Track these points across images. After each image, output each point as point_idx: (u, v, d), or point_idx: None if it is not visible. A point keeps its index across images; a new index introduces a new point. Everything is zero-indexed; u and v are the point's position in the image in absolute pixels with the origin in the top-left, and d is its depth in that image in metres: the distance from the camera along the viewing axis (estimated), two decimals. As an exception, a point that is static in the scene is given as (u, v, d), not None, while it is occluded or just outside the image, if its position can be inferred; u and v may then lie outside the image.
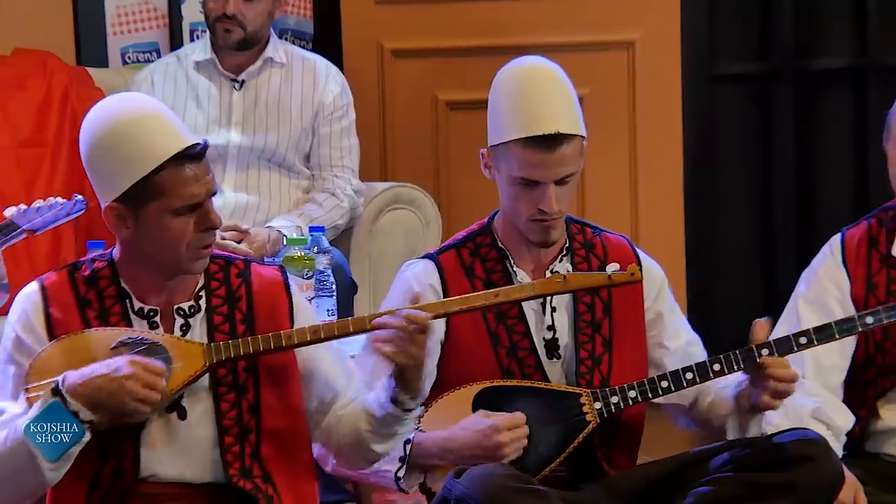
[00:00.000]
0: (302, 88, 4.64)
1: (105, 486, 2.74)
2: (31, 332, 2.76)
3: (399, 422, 2.82)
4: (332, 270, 3.86)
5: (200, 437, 2.78)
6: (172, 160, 2.72)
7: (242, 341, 2.77)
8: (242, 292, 2.85)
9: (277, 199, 4.60)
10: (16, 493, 2.70)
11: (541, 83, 3.07)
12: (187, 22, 5.12)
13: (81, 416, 2.63)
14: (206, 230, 2.75)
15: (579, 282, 2.94)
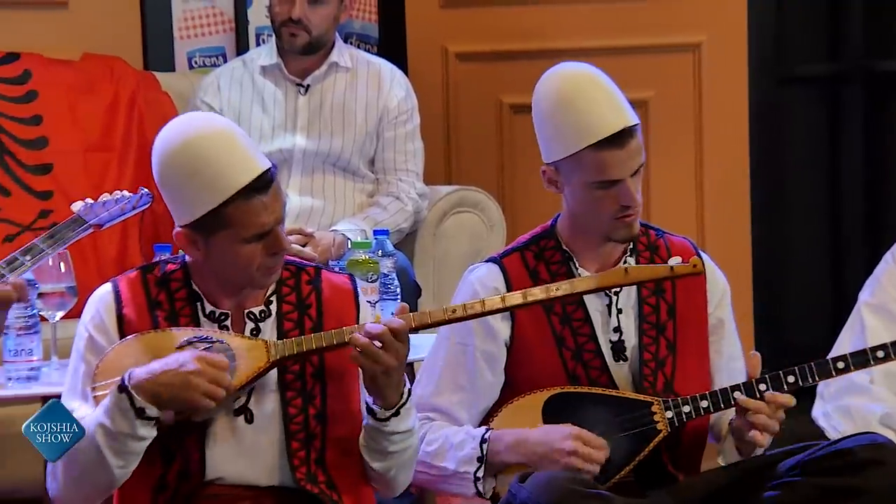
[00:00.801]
0: (367, 92, 4.64)
1: (171, 488, 2.76)
2: (103, 333, 2.79)
3: (383, 435, 2.80)
4: (396, 274, 3.86)
5: (267, 441, 2.79)
6: (242, 192, 2.73)
7: (305, 338, 2.78)
8: (312, 299, 2.86)
9: (342, 203, 4.61)
10: (85, 491, 2.73)
11: (587, 86, 3.06)
12: (253, 26, 5.15)
13: (147, 413, 2.66)
14: (274, 254, 2.76)
15: (641, 274, 2.93)
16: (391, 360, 2.74)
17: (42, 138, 4.63)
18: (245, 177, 2.73)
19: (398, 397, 2.78)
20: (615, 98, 3.06)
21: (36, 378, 3.42)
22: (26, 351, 3.41)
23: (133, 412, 2.65)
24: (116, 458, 2.68)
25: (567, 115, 3.03)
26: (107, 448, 2.67)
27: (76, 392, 2.78)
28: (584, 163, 3.03)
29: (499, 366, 3.09)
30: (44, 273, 3.49)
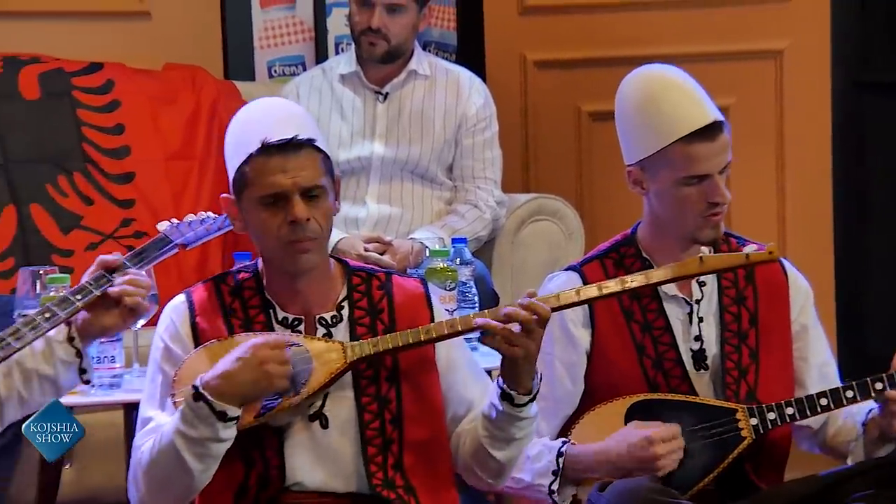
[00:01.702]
0: (445, 100, 4.65)
1: (251, 495, 2.77)
2: (178, 342, 2.81)
3: (513, 422, 2.79)
4: (474, 282, 3.86)
5: (343, 447, 2.80)
6: (260, 151, 2.76)
7: (381, 338, 2.79)
8: (384, 304, 2.86)
9: (420, 211, 4.62)
10: (168, 496, 2.75)
11: (675, 83, 3.06)
12: (332, 35, 5.17)
13: (229, 414, 2.67)
14: (291, 223, 2.76)
15: (716, 262, 2.90)
16: (532, 345, 2.73)
17: (124, 147, 4.67)
18: (271, 134, 2.79)
19: (532, 382, 2.77)
20: (702, 95, 3.06)
21: (118, 385, 3.45)
22: (109, 358, 3.43)
23: (215, 416, 2.67)
24: (198, 463, 2.69)
25: (655, 110, 3.03)
26: (187, 453, 2.68)
27: (154, 401, 2.81)
28: (673, 157, 3.02)
29: (578, 375, 3.08)
30: (125, 282, 3.52)
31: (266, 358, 2.68)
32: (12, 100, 4.56)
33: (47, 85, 4.62)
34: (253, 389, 2.68)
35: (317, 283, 2.83)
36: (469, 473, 2.89)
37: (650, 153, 3.04)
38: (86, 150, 4.61)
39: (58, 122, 4.60)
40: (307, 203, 2.76)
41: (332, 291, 2.85)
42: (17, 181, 4.50)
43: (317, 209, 2.77)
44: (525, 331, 2.73)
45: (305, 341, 2.77)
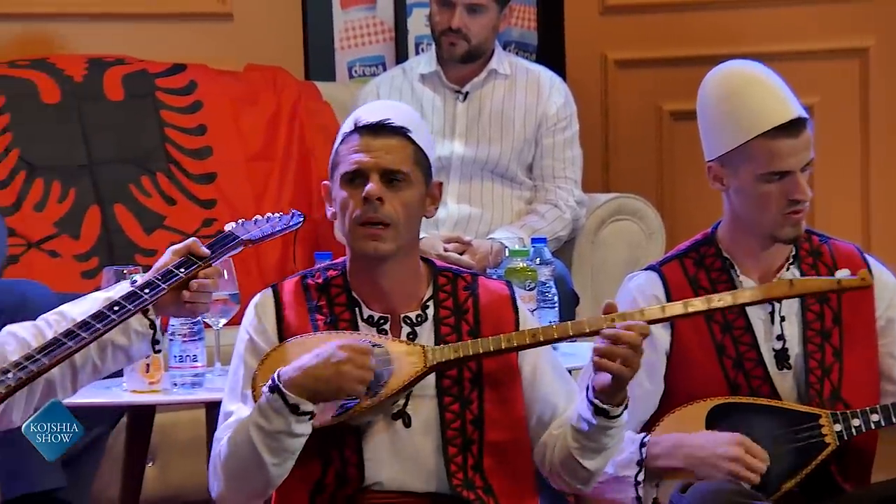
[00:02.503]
0: (525, 100, 4.64)
1: (329, 492, 2.77)
2: (263, 335, 2.82)
3: (605, 431, 2.79)
4: (554, 282, 3.85)
5: (424, 446, 2.80)
6: (352, 131, 2.78)
7: (462, 344, 2.78)
8: (469, 305, 2.86)
9: (500, 211, 4.62)
10: (244, 490, 2.76)
11: (759, 78, 3.04)
12: (413, 35, 5.18)
13: (302, 408, 2.67)
14: (365, 200, 2.77)
15: (806, 286, 2.88)
16: (638, 363, 2.74)
17: (206, 148, 4.70)
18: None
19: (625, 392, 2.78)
20: (786, 91, 3.04)
21: (200, 384, 3.47)
22: (191, 357, 3.45)
23: (288, 409, 2.67)
24: (272, 457, 2.70)
25: (738, 105, 3.01)
26: (263, 447, 2.69)
27: (236, 393, 2.82)
28: (755, 153, 2.99)
29: (658, 375, 3.06)
30: (208, 281, 3.55)
31: (347, 360, 2.68)
32: (97, 101, 4.61)
33: (131, 86, 4.66)
34: (327, 388, 2.68)
35: (402, 281, 2.83)
36: (556, 478, 2.88)
37: (731, 148, 3.02)
38: (169, 150, 4.65)
39: (141, 123, 4.64)
40: (387, 186, 2.76)
41: (417, 291, 2.85)
42: (101, 182, 4.54)
43: (396, 195, 2.77)
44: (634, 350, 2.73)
45: (387, 343, 2.78)
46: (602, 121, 5.29)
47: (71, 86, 4.58)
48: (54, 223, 4.44)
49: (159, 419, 3.77)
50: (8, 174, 4.45)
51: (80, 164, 4.54)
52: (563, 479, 2.86)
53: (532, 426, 2.87)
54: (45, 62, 4.63)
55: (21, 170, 4.46)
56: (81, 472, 3.86)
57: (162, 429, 3.90)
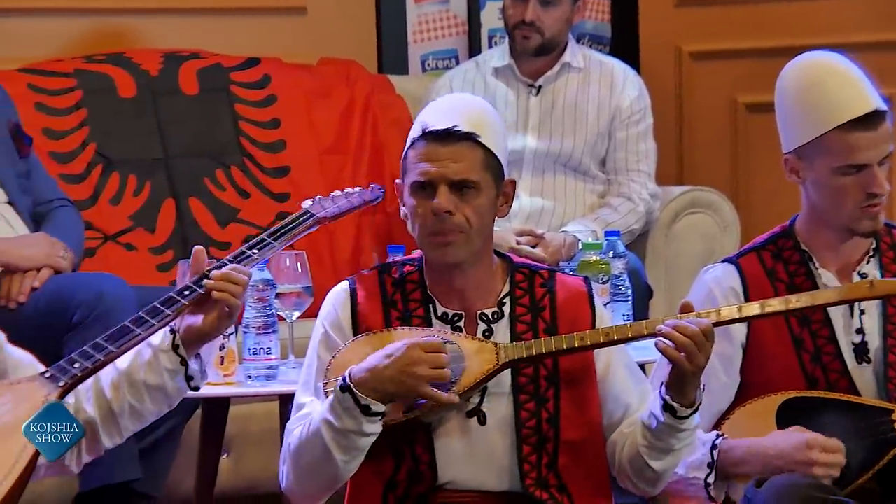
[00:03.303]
0: (599, 93, 4.63)
1: (402, 489, 2.77)
2: (338, 329, 2.82)
3: (674, 433, 2.76)
4: (627, 275, 3.83)
5: (498, 444, 2.78)
6: (420, 137, 2.76)
7: (536, 341, 2.77)
8: (546, 302, 2.84)
9: (573, 204, 4.61)
10: (313, 484, 2.76)
11: (837, 69, 3.01)
12: (486, 29, 5.18)
13: (373, 409, 2.67)
14: (434, 213, 2.76)
15: (888, 288, 2.85)
16: (703, 359, 2.72)
17: (280, 141, 4.72)
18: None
19: (696, 394, 2.76)
20: (864, 83, 3.01)
21: (274, 376, 3.48)
22: (265, 350, 3.47)
23: (358, 409, 2.67)
24: (342, 454, 2.70)
25: (815, 96, 2.98)
26: (332, 443, 2.69)
27: (309, 386, 2.82)
28: (831, 146, 2.96)
29: (734, 368, 3.04)
30: (281, 274, 3.57)
31: (416, 359, 2.67)
32: (173, 95, 4.63)
33: (206, 80, 4.69)
34: (396, 388, 2.68)
35: (477, 278, 2.82)
36: (623, 478, 2.86)
37: (808, 140, 2.99)
38: (243, 144, 4.67)
39: (216, 117, 4.67)
40: (456, 195, 2.75)
41: (493, 287, 2.84)
42: (176, 175, 4.57)
43: (466, 203, 2.75)
44: (697, 345, 2.71)
45: (459, 340, 2.77)
46: (676, 113, 5.26)
47: (147, 80, 4.62)
48: (130, 216, 4.47)
49: (234, 411, 3.80)
50: (85, 168, 4.49)
51: (156, 157, 4.57)
52: (630, 480, 2.85)
53: (603, 424, 2.86)
54: (122, 57, 4.67)
55: (97, 164, 4.50)
56: (157, 463, 3.89)
57: (236, 421, 3.92)
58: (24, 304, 3.81)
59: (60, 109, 4.51)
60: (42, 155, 4.29)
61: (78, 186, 4.42)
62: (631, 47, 5.24)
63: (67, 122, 4.50)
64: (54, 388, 2.58)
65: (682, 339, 2.71)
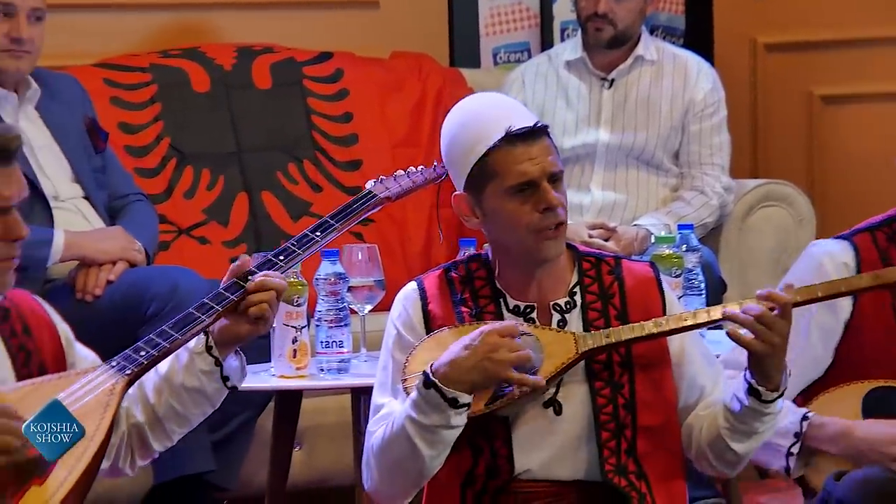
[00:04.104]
0: (672, 85, 4.61)
1: (480, 483, 2.77)
2: (410, 329, 2.82)
3: (758, 416, 2.75)
4: (700, 269, 3.81)
5: (575, 433, 2.78)
6: (503, 141, 2.76)
7: (613, 330, 2.77)
8: (615, 289, 2.84)
9: (645, 197, 4.59)
10: (399, 481, 2.77)
11: None
12: (558, 21, 5.17)
13: (460, 401, 2.67)
14: (545, 210, 2.75)
15: None
16: (776, 338, 2.70)
17: (352, 135, 4.74)
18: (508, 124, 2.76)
19: (780, 377, 2.74)
20: None
21: (346, 370, 3.50)
22: (337, 343, 3.48)
23: (445, 403, 2.67)
24: (429, 449, 2.71)
25: None
26: (420, 440, 2.70)
27: (386, 387, 2.82)
28: None
29: (832, 342, 3.01)
30: (353, 267, 3.58)
31: (495, 345, 2.68)
32: (246, 89, 4.66)
33: (279, 74, 4.71)
34: (481, 377, 2.68)
35: (551, 270, 2.82)
36: (702, 461, 2.85)
37: None
38: (315, 138, 4.69)
39: (289, 111, 4.69)
40: (553, 188, 2.76)
41: (563, 278, 2.84)
42: (249, 169, 4.59)
43: (561, 194, 2.78)
44: (766, 324, 2.69)
45: (536, 331, 2.77)
46: (751, 106, 5.22)
47: (220, 74, 4.64)
48: (203, 210, 4.50)
49: (306, 404, 3.81)
50: (159, 162, 4.52)
51: (229, 151, 4.60)
52: (709, 462, 2.84)
53: (678, 408, 2.85)
54: (196, 51, 4.70)
55: (172, 158, 4.53)
56: (230, 455, 3.92)
57: (309, 414, 3.94)
58: (99, 297, 3.85)
59: (136, 104, 4.54)
60: (117, 149, 4.33)
61: (152, 180, 4.46)
62: (705, 39, 5.21)
63: (142, 116, 4.54)
64: (121, 377, 2.60)
65: (747, 319, 2.70)
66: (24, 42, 3.91)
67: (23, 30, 3.91)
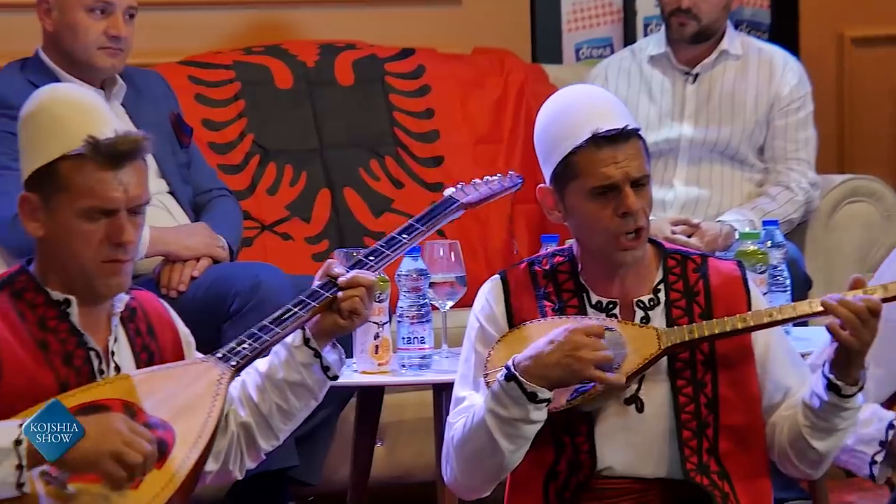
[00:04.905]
0: (757, 80, 4.58)
1: (562, 479, 2.77)
2: (493, 323, 2.83)
3: (837, 412, 2.73)
4: (786, 265, 3.79)
5: (657, 431, 2.77)
6: (589, 142, 2.75)
7: (697, 325, 2.76)
8: (700, 287, 2.83)
9: (729, 193, 4.56)
10: (478, 475, 2.78)
11: None
12: (641, 16, 5.15)
13: (540, 396, 2.67)
14: (624, 215, 2.74)
15: None
16: (868, 336, 2.69)
17: (434, 131, 4.74)
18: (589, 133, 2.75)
19: (859, 372, 2.72)
20: None
21: (427, 365, 3.51)
22: (418, 339, 3.49)
23: (526, 398, 2.68)
24: (508, 443, 2.71)
25: None
26: (499, 433, 2.70)
27: (467, 380, 2.83)
28: None
29: None
30: (435, 263, 3.58)
31: (579, 344, 2.68)
32: (328, 86, 4.68)
33: (361, 71, 4.72)
34: (562, 373, 2.68)
35: (635, 267, 2.81)
36: (785, 462, 2.83)
37: None
38: (397, 134, 4.70)
39: (371, 108, 4.70)
40: (635, 193, 2.75)
41: (648, 275, 2.83)
42: (331, 165, 4.61)
43: (643, 198, 2.76)
44: (862, 320, 2.67)
45: (619, 326, 2.76)
46: (837, 100, 5.18)
47: (303, 71, 4.67)
48: (286, 206, 4.52)
49: (388, 400, 3.82)
50: (243, 158, 4.55)
51: (312, 148, 4.62)
52: (792, 463, 2.81)
53: (762, 408, 2.83)
54: (279, 48, 4.72)
55: (255, 154, 4.56)
56: (313, 451, 3.93)
57: (390, 409, 3.95)
58: (183, 294, 3.88)
59: (219, 101, 4.57)
60: (201, 146, 4.36)
61: (236, 177, 4.48)
62: (790, 33, 5.17)
63: (226, 113, 4.57)
64: (227, 368, 2.65)
65: (846, 313, 2.68)
66: (121, 40, 3.95)
67: (121, 28, 3.95)
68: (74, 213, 2.58)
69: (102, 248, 2.59)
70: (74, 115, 2.61)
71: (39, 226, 2.61)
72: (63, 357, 2.60)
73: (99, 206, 2.58)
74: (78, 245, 2.59)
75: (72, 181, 2.57)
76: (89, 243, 2.59)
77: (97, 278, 2.60)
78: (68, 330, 2.62)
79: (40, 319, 2.61)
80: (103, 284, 2.61)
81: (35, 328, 2.61)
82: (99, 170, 2.58)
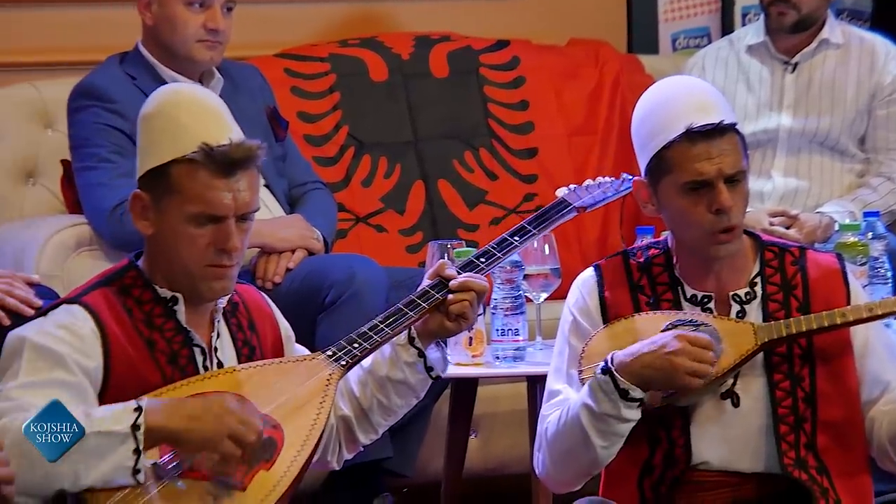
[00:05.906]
0: (858, 70, 4.52)
1: (657, 473, 2.76)
2: (586, 316, 2.83)
3: None
4: (887, 257, 3.75)
5: (753, 425, 2.76)
6: (683, 136, 2.72)
7: (794, 320, 2.73)
8: (798, 280, 2.80)
9: (829, 184, 4.51)
10: (570, 469, 2.78)
11: None
12: (739, 6, 5.12)
13: (632, 394, 2.67)
14: (717, 212, 2.71)
15: None
16: None
17: (528, 123, 4.73)
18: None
19: None
20: None
21: (521, 358, 3.51)
22: (512, 331, 3.50)
23: (617, 394, 2.67)
24: (600, 439, 2.71)
25: None
26: (591, 428, 2.70)
27: (561, 373, 2.83)
28: None
29: None
30: (529, 256, 3.58)
31: (681, 350, 2.66)
32: (423, 78, 4.68)
33: (456, 63, 4.73)
34: (659, 378, 2.68)
35: (731, 260, 2.80)
36: (884, 458, 2.81)
37: None
38: (491, 126, 4.69)
39: (465, 99, 4.70)
40: (729, 189, 2.73)
41: (744, 268, 2.81)
42: (425, 157, 4.62)
43: (738, 194, 2.74)
44: None
45: (715, 321, 2.74)
46: (940, 90, 5.08)
47: (398, 63, 4.68)
48: (381, 198, 4.54)
49: (482, 392, 3.83)
50: (338, 151, 4.57)
51: (406, 140, 4.63)
52: (891, 459, 2.79)
53: (861, 402, 2.80)
54: (374, 41, 4.73)
55: (350, 146, 4.58)
56: (407, 443, 3.94)
57: (484, 401, 3.95)
58: (279, 285, 3.90)
59: (315, 93, 4.60)
60: (297, 138, 4.39)
61: (331, 169, 4.51)
62: (892, 21, 5.09)
63: (321, 105, 4.59)
64: (337, 367, 2.67)
65: None
66: (219, 33, 3.99)
67: (219, 21, 3.98)
68: (183, 217, 2.60)
69: (208, 253, 2.61)
70: (191, 119, 2.62)
71: (149, 224, 2.64)
72: (169, 356, 2.63)
73: (207, 212, 2.60)
74: (183, 248, 2.61)
75: (182, 185, 2.59)
76: (195, 247, 2.61)
77: (201, 281, 2.63)
78: (174, 328, 2.65)
79: (147, 316, 2.64)
80: (207, 288, 2.63)
81: (142, 325, 2.64)
82: (211, 176, 2.59)
